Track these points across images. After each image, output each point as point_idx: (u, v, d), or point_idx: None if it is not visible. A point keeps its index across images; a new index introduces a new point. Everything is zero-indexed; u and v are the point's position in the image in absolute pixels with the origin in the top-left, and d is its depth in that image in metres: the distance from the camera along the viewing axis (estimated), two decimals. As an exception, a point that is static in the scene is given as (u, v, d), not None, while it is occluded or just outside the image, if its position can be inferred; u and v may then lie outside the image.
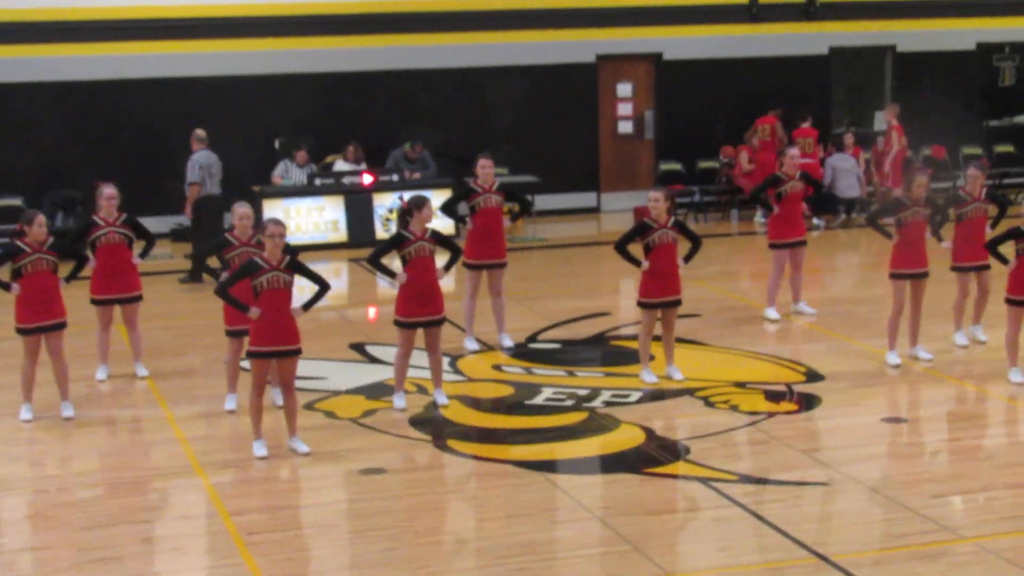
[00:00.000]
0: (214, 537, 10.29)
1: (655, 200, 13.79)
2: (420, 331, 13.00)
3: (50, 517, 10.83)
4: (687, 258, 13.79)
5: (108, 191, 14.06)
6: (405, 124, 22.39)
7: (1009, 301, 13.38)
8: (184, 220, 19.71)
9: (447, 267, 13.37)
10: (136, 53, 21.69)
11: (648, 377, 13.81)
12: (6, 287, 12.77)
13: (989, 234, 14.45)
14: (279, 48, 22.29)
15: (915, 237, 14.13)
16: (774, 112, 23.13)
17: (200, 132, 19.58)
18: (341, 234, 21.32)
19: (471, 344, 15.17)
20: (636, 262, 13.66)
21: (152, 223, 15.03)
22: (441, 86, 22.96)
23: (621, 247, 13.82)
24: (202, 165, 19.25)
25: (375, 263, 13.20)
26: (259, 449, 11.66)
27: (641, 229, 13.75)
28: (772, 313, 16.37)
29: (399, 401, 13.08)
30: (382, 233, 20.97)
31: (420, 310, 12.91)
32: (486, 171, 15.15)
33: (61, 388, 13.01)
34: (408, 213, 13.04)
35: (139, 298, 14.43)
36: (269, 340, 11.58)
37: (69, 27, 21.36)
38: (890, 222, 14.34)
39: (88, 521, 10.58)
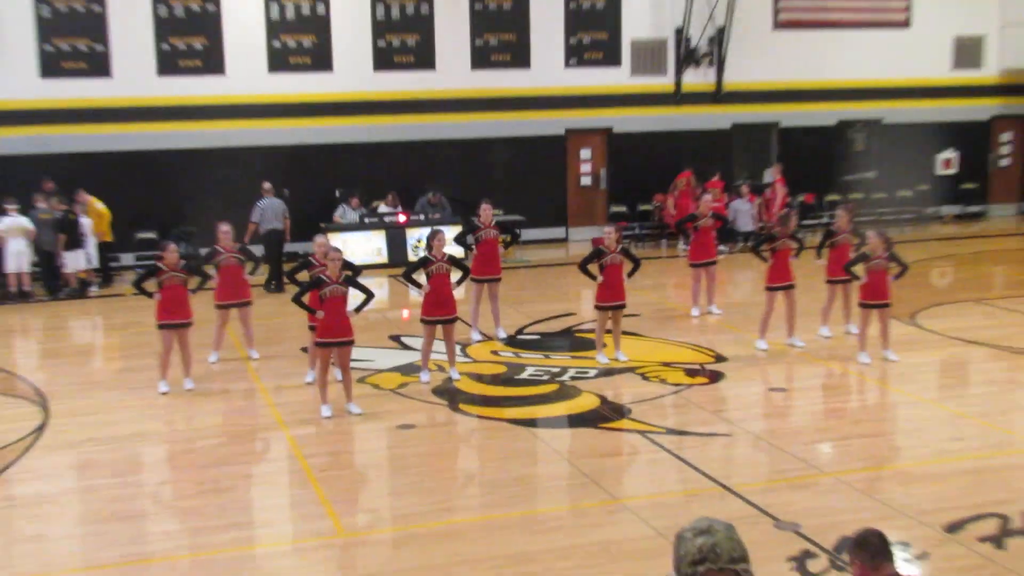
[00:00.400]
0: (294, 474, 10.42)
1: (608, 233, 14.01)
2: (439, 327, 13.14)
3: (179, 459, 11.02)
4: (630, 274, 13.96)
5: (225, 228, 14.21)
6: (427, 179, 22.37)
7: (861, 304, 13.57)
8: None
9: (459, 282, 13.53)
10: (235, 129, 21.69)
11: (602, 359, 13.88)
12: (150, 295, 12.92)
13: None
14: (339, 125, 22.27)
15: (783, 260, 14.34)
16: (689, 169, 23.24)
17: (265, 184, 19.61)
18: (383, 258, 21.21)
19: (476, 335, 15.23)
20: (593, 277, 13.85)
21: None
22: (453, 151, 22.95)
23: (583, 266, 13.97)
24: (263, 208, 19.28)
25: (408, 278, 13.35)
26: (325, 411, 11.77)
27: (597, 253, 13.93)
28: (695, 311, 16.52)
29: (425, 376, 13.16)
30: (412, 257, 21.00)
31: (439, 311, 13.05)
32: (487, 212, 15.31)
33: (186, 368, 13.08)
34: (430, 243, 13.26)
35: (251, 303, 14.55)
36: (331, 334, 11.73)
37: (187, 110, 21.44)
38: (766, 249, 14.59)
39: (206, 462, 10.72)
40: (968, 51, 26.11)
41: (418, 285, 13.15)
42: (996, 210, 26.69)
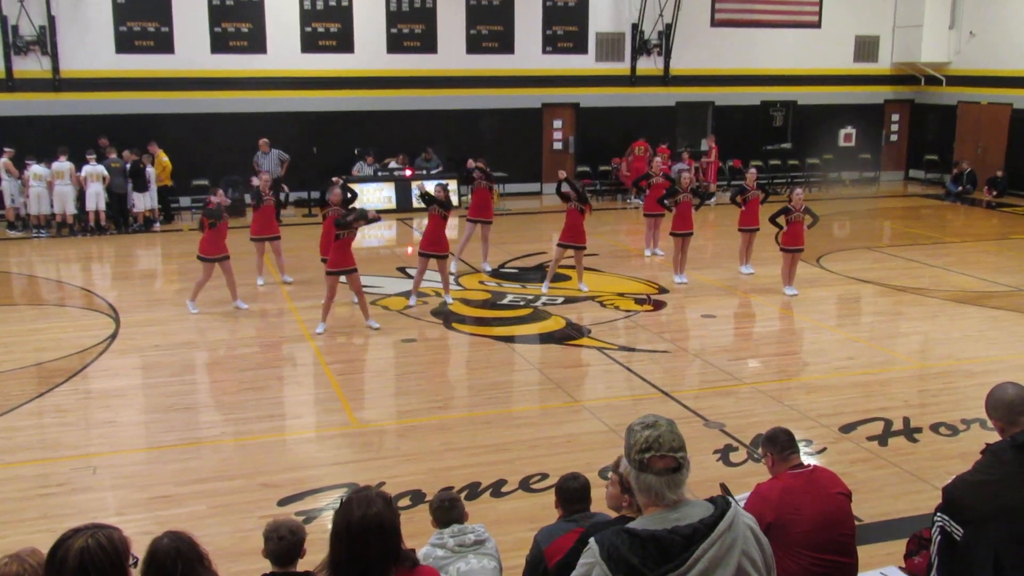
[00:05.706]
0: (318, 376, 10.32)
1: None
2: (434, 260, 12.90)
3: (224, 363, 10.86)
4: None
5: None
6: (427, 142, 22.05)
7: (782, 250, 13.53)
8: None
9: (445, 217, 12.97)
10: (273, 98, 21.25)
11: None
12: (203, 230, 12.46)
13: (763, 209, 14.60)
14: (358, 96, 21.85)
15: (684, 211, 14.22)
16: (644, 138, 23.00)
17: (262, 140, 19.53)
18: (392, 204, 20.92)
19: (454, 265, 14.86)
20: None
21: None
22: (451, 120, 22.58)
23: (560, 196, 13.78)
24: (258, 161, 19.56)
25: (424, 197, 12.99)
26: (319, 328, 11.62)
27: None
28: (647, 252, 16.41)
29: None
30: (416, 203, 20.69)
31: (434, 247, 12.88)
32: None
33: (232, 291, 12.81)
34: (427, 196, 12.94)
35: (279, 237, 14.26)
36: (340, 265, 11.52)
37: (235, 82, 20.99)
38: (668, 203, 14.58)
39: (244, 366, 10.62)
40: (866, 47, 25.87)
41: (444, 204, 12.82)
42: (886, 176, 26.63)
